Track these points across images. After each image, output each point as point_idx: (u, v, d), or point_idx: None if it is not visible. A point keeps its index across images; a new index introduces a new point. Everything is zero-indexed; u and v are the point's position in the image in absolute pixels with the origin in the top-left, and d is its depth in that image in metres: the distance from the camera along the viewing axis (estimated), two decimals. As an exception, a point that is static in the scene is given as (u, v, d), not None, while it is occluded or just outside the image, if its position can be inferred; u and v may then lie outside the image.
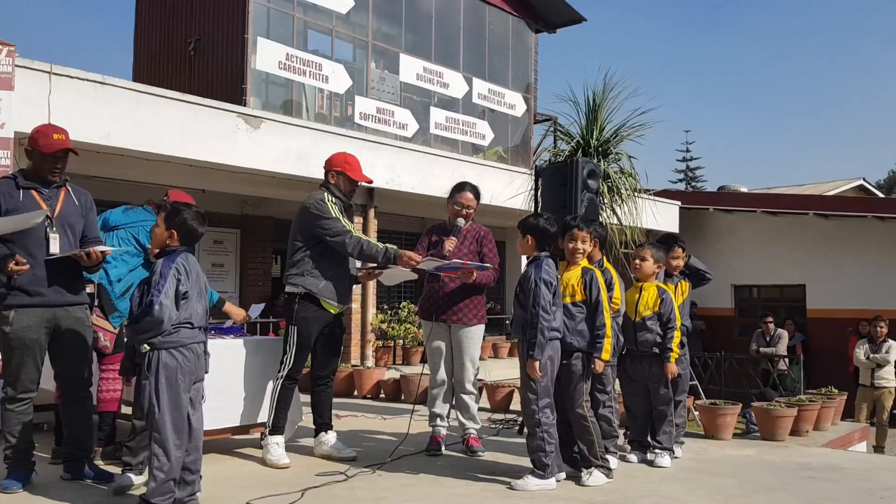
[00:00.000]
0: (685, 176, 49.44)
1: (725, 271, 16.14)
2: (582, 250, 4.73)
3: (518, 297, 4.52)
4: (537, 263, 4.53)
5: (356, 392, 8.47)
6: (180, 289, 3.70)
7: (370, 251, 4.82)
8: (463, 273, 5.14)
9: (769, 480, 4.76)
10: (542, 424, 4.36)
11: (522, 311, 4.45)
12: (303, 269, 4.90)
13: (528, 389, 4.41)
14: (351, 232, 4.83)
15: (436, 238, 5.40)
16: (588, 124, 9.63)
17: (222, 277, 12.00)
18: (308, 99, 11.16)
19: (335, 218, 4.84)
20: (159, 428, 3.62)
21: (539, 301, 4.36)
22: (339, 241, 4.82)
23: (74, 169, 7.08)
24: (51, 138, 4.25)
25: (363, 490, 4.30)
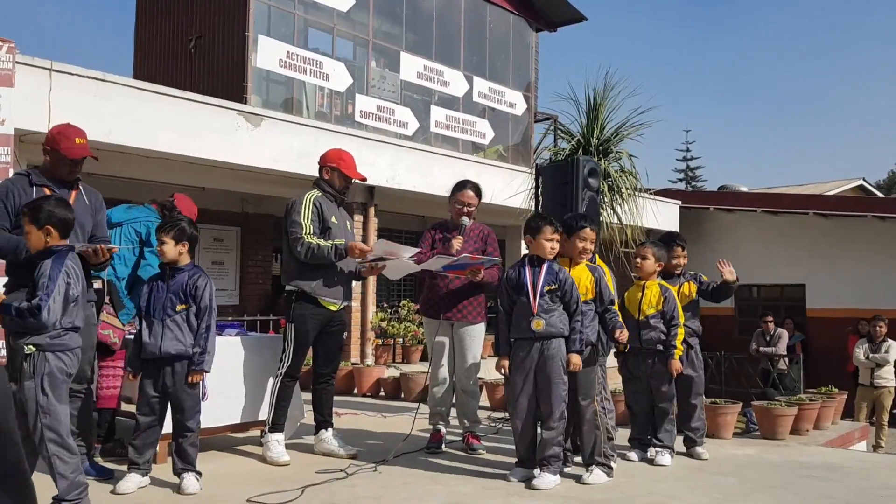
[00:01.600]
0: (685, 176, 49.45)
1: (726, 270, 16.12)
2: (590, 251, 4.75)
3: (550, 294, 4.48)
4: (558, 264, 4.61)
5: (356, 390, 8.48)
6: (71, 293, 3.58)
7: (321, 254, 4.80)
8: (471, 271, 5.13)
9: (769, 479, 4.76)
10: (563, 420, 4.43)
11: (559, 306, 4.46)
12: (297, 268, 4.90)
13: (561, 384, 4.41)
14: (303, 238, 4.80)
15: (441, 236, 5.38)
16: (589, 123, 9.63)
17: (222, 275, 12.00)
18: (308, 97, 11.16)
19: (298, 222, 4.84)
20: (56, 428, 3.50)
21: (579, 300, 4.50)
22: (294, 246, 4.82)
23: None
24: (73, 142, 4.22)
25: (363, 488, 4.30)
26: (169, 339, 4.11)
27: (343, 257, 4.88)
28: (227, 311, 11.32)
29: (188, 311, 4.16)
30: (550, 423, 4.39)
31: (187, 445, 4.19)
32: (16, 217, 4.10)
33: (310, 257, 4.81)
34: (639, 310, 5.19)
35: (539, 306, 4.45)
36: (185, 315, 4.15)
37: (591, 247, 4.74)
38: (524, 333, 4.48)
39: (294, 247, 4.82)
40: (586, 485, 4.41)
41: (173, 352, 4.11)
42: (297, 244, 4.80)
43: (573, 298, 4.48)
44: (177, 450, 4.22)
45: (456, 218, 5.38)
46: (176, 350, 4.12)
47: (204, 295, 4.17)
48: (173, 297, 4.15)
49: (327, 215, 4.96)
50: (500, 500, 4.09)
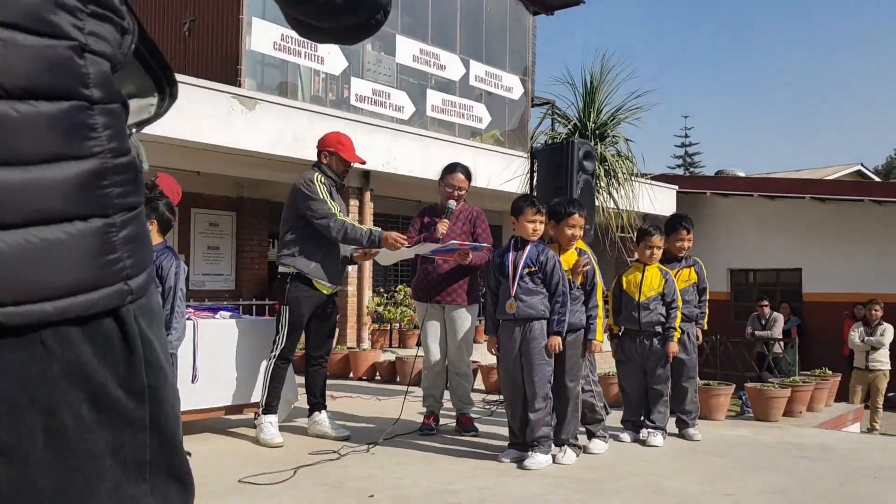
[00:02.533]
0: (684, 161, 49.39)
1: (722, 255, 16.15)
2: (579, 237, 4.75)
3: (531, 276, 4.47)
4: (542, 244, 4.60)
5: (352, 374, 8.49)
6: None
7: (354, 235, 4.79)
8: (459, 255, 5.13)
9: (760, 459, 4.77)
10: (548, 401, 4.44)
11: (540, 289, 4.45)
12: (294, 250, 4.89)
13: (544, 365, 4.41)
14: (336, 215, 4.80)
15: (427, 220, 5.38)
16: (585, 107, 9.61)
17: (218, 260, 11.99)
18: (304, 81, 11.10)
19: (322, 200, 4.82)
20: None
21: (566, 283, 4.48)
22: (324, 224, 4.79)
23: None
24: None
25: (355, 468, 4.31)
26: None
27: (376, 245, 4.87)
28: (224, 296, 11.32)
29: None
30: (535, 404, 4.39)
31: None
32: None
33: (342, 237, 4.79)
34: (639, 291, 5.19)
35: (518, 288, 4.45)
36: None
37: (579, 233, 4.73)
38: (505, 315, 4.50)
39: (324, 224, 4.78)
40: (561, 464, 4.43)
41: None
42: (331, 220, 4.77)
43: (555, 280, 4.46)
44: None
45: (444, 201, 5.37)
46: None
47: (169, 276, 4.09)
48: None
49: (334, 198, 4.97)
50: (492, 479, 4.10)
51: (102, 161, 0.74)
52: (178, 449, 0.83)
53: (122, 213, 0.76)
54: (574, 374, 4.63)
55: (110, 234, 0.74)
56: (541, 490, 3.90)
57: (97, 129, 0.74)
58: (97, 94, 0.74)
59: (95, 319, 0.73)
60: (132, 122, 0.86)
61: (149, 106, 0.89)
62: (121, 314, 0.75)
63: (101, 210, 0.74)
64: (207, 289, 11.63)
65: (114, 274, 0.74)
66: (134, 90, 0.87)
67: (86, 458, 0.72)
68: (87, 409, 0.72)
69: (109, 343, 0.74)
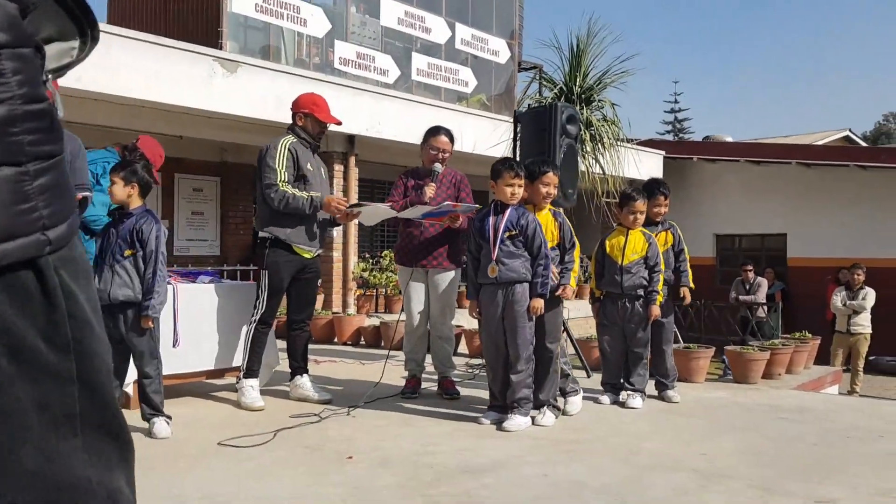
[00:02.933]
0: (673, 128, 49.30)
1: (708, 220, 16.22)
2: (553, 195, 4.74)
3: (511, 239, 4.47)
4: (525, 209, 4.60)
5: (336, 339, 8.50)
6: None
7: (296, 204, 4.75)
8: (450, 217, 5.11)
9: (738, 421, 4.83)
10: (531, 363, 4.47)
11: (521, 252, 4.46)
12: (271, 214, 4.86)
13: (526, 328, 4.43)
14: (277, 186, 4.74)
15: (413, 183, 5.34)
16: (571, 71, 9.54)
17: (202, 225, 11.92)
18: (287, 44, 10.94)
19: (273, 168, 4.77)
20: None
21: (546, 245, 4.49)
22: (268, 193, 4.76)
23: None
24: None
25: (335, 430, 4.34)
26: (118, 286, 4.03)
27: (318, 210, 4.85)
28: (209, 262, 11.29)
29: (135, 256, 4.06)
30: (518, 366, 4.43)
31: (150, 392, 4.16)
32: None
33: (283, 206, 4.75)
34: (622, 255, 5.20)
35: (499, 252, 4.46)
36: (133, 261, 4.06)
37: (554, 191, 4.72)
38: (487, 279, 4.51)
39: (267, 194, 4.76)
40: (541, 426, 4.47)
41: (122, 298, 4.03)
42: (272, 191, 4.74)
43: (536, 243, 4.47)
44: (141, 397, 4.22)
45: (428, 164, 5.33)
46: (124, 296, 4.03)
47: (150, 239, 4.06)
48: (121, 242, 4.06)
49: (302, 162, 4.90)
50: (470, 441, 4.13)
51: (11, 107, 0.72)
52: (111, 404, 0.82)
53: (36, 161, 0.74)
54: (554, 336, 4.67)
55: (23, 183, 0.72)
56: (519, 451, 3.93)
57: (5, 75, 0.71)
58: (4, 38, 0.71)
59: (12, 271, 0.71)
60: (53, 66, 0.84)
61: (70, 50, 0.86)
62: (39, 265, 0.73)
63: (12, 158, 0.71)
64: (192, 254, 11.59)
65: (29, 223, 0.72)
66: (54, 34, 0.84)
67: (8, 413, 0.71)
68: (6, 362, 0.70)
69: (28, 294, 0.72)
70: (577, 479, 3.48)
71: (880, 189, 14.60)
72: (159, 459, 3.68)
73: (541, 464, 3.72)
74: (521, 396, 4.44)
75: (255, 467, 3.60)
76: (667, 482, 3.47)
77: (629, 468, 3.68)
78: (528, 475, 3.53)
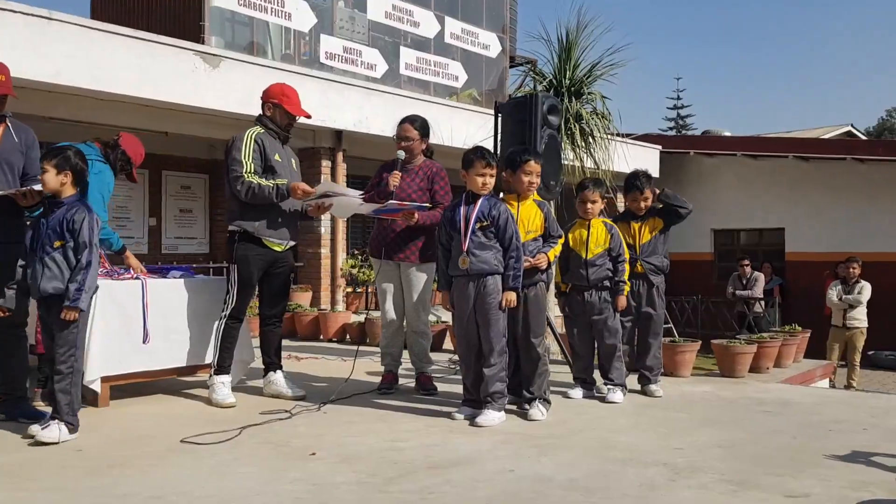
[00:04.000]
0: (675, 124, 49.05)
1: (705, 216, 16.07)
2: (537, 184, 4.64)
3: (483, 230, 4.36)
4: (495, 198, 4.50)
5: (322, 336, 8.41)
6: None
7: (262, 193, 4.65)
8: (404, 215, 5.00)
9: (719, 415, 4.72)
10: (504, 356, 4.36)
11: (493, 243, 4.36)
12: (240, 208, 4.76)
13: (499, 321, 4.33)
14: (243, 177, 4.65)
15: (386, 174, 5.25)
16: (561, 63, 9.41)
17: (191, 223, 11.83)
18: (273, 39, 10.83)
19: (239, 160, 4.68)
20: None
21: (518, 236, 4.38)
22: (234, 185, 4.67)
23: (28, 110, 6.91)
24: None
25: (304, 427, 4.24)
26: (47, 279, 3.86)
27: (285, 198, 4.75)
28: (198, 260, 11.19)
29: (65, 247, 3.88)
30: (490, 359, 4.33)
31: (57, 389, 3.88)
32: None
33: (250, 197, 4.66)
34: (586, 248, 5.09)
35: (470, 243, 4.36)
36: (62, 252, 3.88)
37: (537, 180, 4.63)
38: (458, 271, 4.41)
39: (234, 185, 4.67)
40: (532, 420, 4.39)
41: (51, 290, 3.86)
42: (238, 183, 4.65)
43: (508, 234, 4.36)
44: (49, 392, 4.02)
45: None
46: (54, 289, 3.86)
47: (82, 229, 3.87)
48: (51, 233, 3.89)
49: (270, 153, 4.80)
50: (441, 436, 4.03)
51: None
52: None
53: None
54: (538, 331, 4.57)
55: None
56: (490, 447, 3.83)
57: None
58: None
59: None
60: None
61: None
62: None
63: None
64: (181, 252, 11.49)
65: None
66: None
67: None
68: None
69: None
70: (543, 475, 3.38)
71: (879, 182, 14.45)
72: (118, 458, 3.58)
73: (508, 459, 3.62)
74: (495, 391, 4.34)
75: (216, 465, 3.50)
76: (637, 476, 3.36)
77: (600, 463, 3.58)
78: (493, 471, 3.43)
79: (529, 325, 4.54)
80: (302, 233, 10.99)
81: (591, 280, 5.07)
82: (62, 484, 3.21)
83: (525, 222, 4.57)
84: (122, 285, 4.82)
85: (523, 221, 4.57)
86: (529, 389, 4.54)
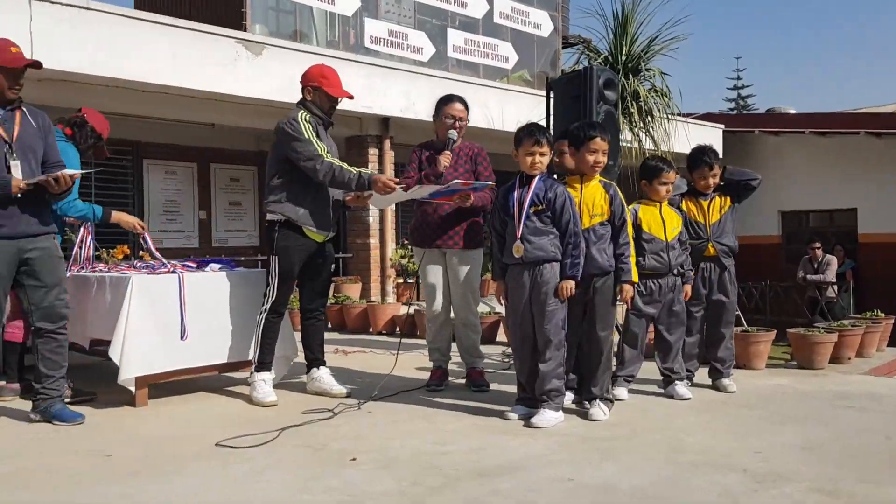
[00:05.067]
0: (736, 105, 47.62)
1: (772, 197, 15.34)
2: (602, 162, 4.24)
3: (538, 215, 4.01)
4: (551, 179, 4.15)
5: (371, 329, 8.16)
6: None
7: (343, 177, 4.37)
8: (459, 197, 4.68)
9: (799, 411, 4.28)
10: (561, 350, 4.02)
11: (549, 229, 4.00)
12: (281, 195, 4.52)
13: (557, 312, 3.99)
14: (322, 157, 4.38)
15: (427, 154, 4.94)
16: (616, 39, 8.98)
17: (240, 216, 11.73)
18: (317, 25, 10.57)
19: (307, 140, 4.41)
20: None
21: (578, 219, 4.02)
22: (310, 166, 4.39)
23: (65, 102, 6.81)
24: (9, 52, 3.91)
25: (346, 427, 3.97)
26: None
27: (366, 188, 4.46)
28: (248, 253, 11.07)
29: None
30: (546, 354, 3.98)
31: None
32: None
33: (330, 179, 4.39)
34: (664, 231, 4.67)
35: (525, 228, 4.01)
36: None
37: (603, 158, 4.22)
38: (513, 259, 4.06)
39: (310, 167, 4.39)
40: (593, 420, 4.03)
41: None
42: (317, 163, 4.37)
43: (565, 219, 3.99)
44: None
45: (442, 134, 4.92)
46: None
47: None
48: None
49: (321, 138, 4.56)
50: (490, 439, 3.70)
51: None
52: None
53: None
54: (606, 323, 4.20)
55: None
56: (544, 450, 3.49)
57: None
58: None
59: None
60: None
61: None
62: None
63: None
64: (230, 245, 11.40)
65: None
66: None
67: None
68: None
69: None
70: (605, 483, 3.03)
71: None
72: (144, 464, 3.36)
73: (566, 464, 3.28)
74: (551, 388, 3.98)
75: (246, 471, 3.24)
76: (712, 484, 2.99)
77: (669, 468, 3.21)
78: (548, 478, 3.09)
79: (596, 316, 4.16)
80: (350, 223, 10.85)
81: (673, 264, 4.67)
82: (76, 493, 2.98)
83: (589, 205, 4.17)
84: (158, 280, 4.62)
85: (587, 205, 4.17)
86: (591, 387, 4.18)
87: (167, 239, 10.65)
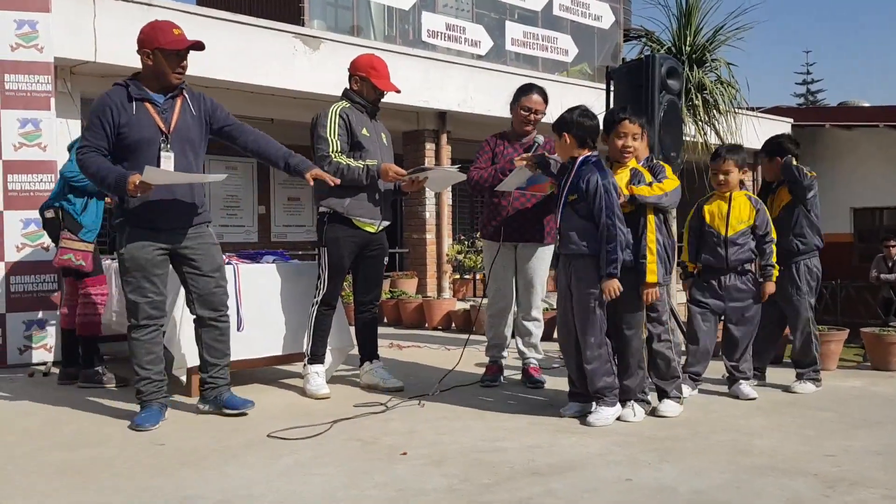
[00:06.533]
0: (805, 100, 46.18)
1: (844, 193, 14.79)
2: (632, 147, 4.03)
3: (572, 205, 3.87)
4: (594, 164, 3.87)
5: (426, 324, 8.11)
6: None
7: (351, 175, 4.33)
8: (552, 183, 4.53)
9: (874, 414, 4.05)
10: (603, 348, 3.83)
11: (583, 220, 3.81)
12: (327, 187, 4.47)
13: (592, 310, 3.81)
14: (330, 157, 4.33)
15: (502, 148, 4.79)
16: (680, 28, 8.72)
17: (298, 210, 11.83)
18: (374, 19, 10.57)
19: (325, 138, 4.38)
20: None
21: (613, 209, 3.73)
22: (320, 165, 4.33)
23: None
24: (172, 34, 3.75)
25: (398, 422, 3.90)
26: None
27: (376, 180, 4.42)
28: (306, 247, 11.14)
29: None
30: (587, 353, 3.81)
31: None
32: (116, 136, 3.72)
33: (340, 179, 4.34)
34: (726, 225, 4.47)
35: (563, 220, 3.87)
36: None
37: (632, 143, 3.98)
38: (559, 250, 3.94)
39: (320, 166, 4.35)
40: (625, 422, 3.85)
41: None
42: (324, 163, 4.33)
43: (595, 209, 3.75)
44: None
45: (518, 126, 4.80)
46: None
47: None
48: None
49: (356, 128, 4.48)
50: (546, 436, 3.59)
51: None
52: None
53: None
54: (631, 321, 3.93)
55: None
56: (601, 450, 3.36)
57: None
58: None
59: None
60: None
61: None
62: None
63: None
64: (289, 240, 11.50)
65: None
66: None
67: None
68: None
69: None
70: (665, 484, 2.89)
71: None
72: (194, 455, 3.35)
73: (624, 465, 3.14)
74: (603, 386, 3.83)
75: (294, 464, 3.20)
76: (780, 489, 2.83)
77: (733, 471, 3.05)
78: (604, 479, 2.96)
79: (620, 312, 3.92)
80: (406, 218, 10.81)
81: (731, 261, 4.46)
82: (125, 484, 2.97)
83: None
84: (214, 271, 4.62)
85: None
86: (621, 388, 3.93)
87: (227, 234, 10.79)
